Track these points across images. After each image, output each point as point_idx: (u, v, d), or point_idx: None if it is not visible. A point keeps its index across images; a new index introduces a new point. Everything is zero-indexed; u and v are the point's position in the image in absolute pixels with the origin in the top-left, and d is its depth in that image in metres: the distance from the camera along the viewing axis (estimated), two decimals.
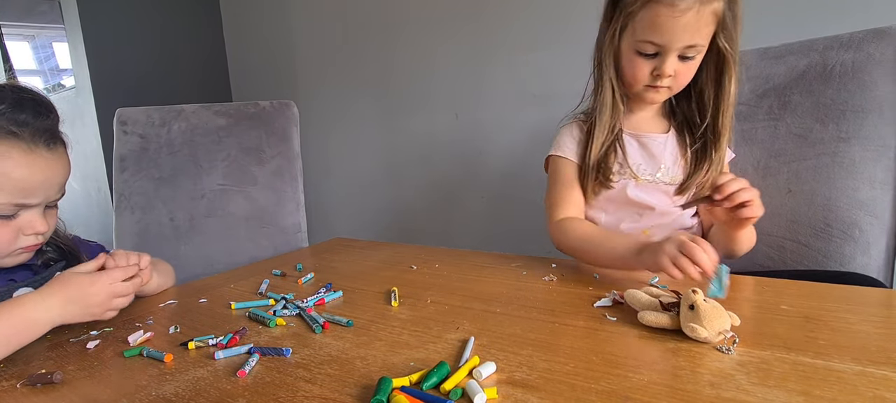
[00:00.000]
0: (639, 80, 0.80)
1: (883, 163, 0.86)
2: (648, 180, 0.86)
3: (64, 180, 0.69)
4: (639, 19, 0.76)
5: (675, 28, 0.72)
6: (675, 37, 0.73)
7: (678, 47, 0.75)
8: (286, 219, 1.33)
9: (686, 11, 0.71)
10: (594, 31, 0.85)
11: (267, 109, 1.35)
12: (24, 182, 0.62)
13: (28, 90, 0.66)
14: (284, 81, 2.25)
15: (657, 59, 0.77)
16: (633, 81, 0.81)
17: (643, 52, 0.77)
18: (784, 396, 0.38)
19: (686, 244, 0.61)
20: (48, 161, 0.65)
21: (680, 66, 0.77)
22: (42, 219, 0.67)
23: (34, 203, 0.65)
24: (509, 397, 0.41)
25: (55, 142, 0.67)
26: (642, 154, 0.87)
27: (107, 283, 0.64)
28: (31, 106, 0.64)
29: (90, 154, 2.14)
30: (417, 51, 1.81)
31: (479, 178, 1.75)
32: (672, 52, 0.75)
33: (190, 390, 0.46)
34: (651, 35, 0.74)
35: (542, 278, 0.74)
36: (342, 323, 0.60)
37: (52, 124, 0.67)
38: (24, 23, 2.36)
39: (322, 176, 2.20)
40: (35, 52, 2.48)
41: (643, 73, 0.79)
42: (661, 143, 0.87)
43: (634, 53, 0.78)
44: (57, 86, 2.37)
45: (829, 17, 1.12)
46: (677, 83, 0.79)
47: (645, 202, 0.85)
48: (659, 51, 0.76)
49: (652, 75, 0.78)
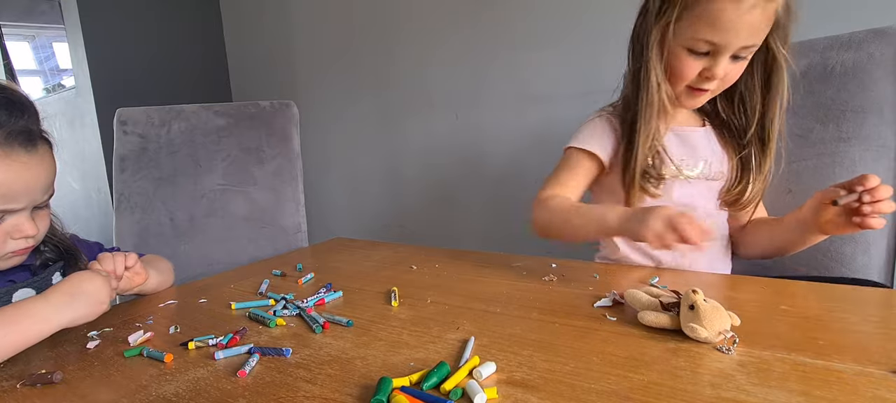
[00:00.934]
0: (684, 79, 0.73)
1: (883, 164, 0.86)
2: (691, 176, 0.80)
3: (49, 182, 0.66)
4: (697, 13, 0.68)
5: (738, 26, 0.66)
6: (737, 35, 0.66)
7: (736, 47, 0.68)
8: (286, 219, 1.33)
9: (753, 8, 0.64)
10: (595, 31, 0.85)
11: (267, 109, 1.35)
12: (2, 188, 0.59)
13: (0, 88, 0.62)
14: (284, 81, 2.25)
15: (708, 59, 0.70)
16: (676, 81, 0.74)
17: (696, 49, 0.70)
18: (784, 396, 0.38)
19: (674, 218, 0.58)
20: (26, 164, 0.61)
21: (730, 66, 0.70)
22: (30, 223, 0.64)
23: (17, 208, 0.62)
24: (509, 397, 0.41)
25: (34, 143, 0.62)
26: (683, 148, 0.80)
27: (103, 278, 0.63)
28: (3, 105, 0.60)
29: (90, 154, 2.14)
30: (417, 51, 1.81)
31: (479, 178, 1.75)
32: (727, 52, 0.68)
33: (190, 390, 0.46)
34: (710, 33, 0.67)
35: (542, 278, 0.74)
36: (342, 323, 0.60)
37: (29, 124, 0.63)
38: (24, 23, 2.36)
39: (322, 176, 2.20)
40: (35, 52, 2.48)
41: (691, 73, 0.72)
42: (700, 136, 0.81)
43: (684, 50, 0.71)
44: (57, 87, 2.37)
45: (829, 17, 1.12)
46: (722, 85, 0.73)
47: (688, 200, 0.79)
48: (712, 50, 0.69)
49: (699, 76, 0.72)
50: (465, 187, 1.79)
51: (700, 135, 0.82)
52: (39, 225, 0.67)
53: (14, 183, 0.60)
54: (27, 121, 0.63)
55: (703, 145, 0.82)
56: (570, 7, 1.47)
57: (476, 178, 1.76)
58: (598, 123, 0.85)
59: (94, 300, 0.61)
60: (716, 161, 0.82)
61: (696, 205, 0.80)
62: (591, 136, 0.84)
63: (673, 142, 0.81)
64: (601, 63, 1.41)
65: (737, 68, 0.72)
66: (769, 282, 0.66)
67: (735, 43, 0.67)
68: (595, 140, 0.83)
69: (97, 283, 0.62)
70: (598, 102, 0.95)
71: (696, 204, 0.80)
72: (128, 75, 2.10)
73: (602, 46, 1.40)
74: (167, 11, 2.23)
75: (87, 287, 0.61)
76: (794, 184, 0.92)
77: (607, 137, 0.83)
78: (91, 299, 0.61)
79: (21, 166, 0.61)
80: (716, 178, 0.82)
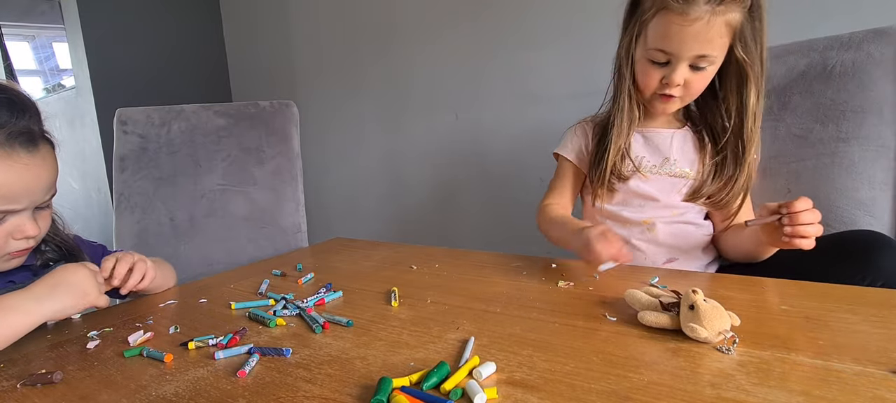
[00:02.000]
0: (649, 88, 0.81)
1: (882, 164, 0.86)
2: (654, 173, 0.88)
3: (51, 182, 0.66)
4: (651, 27, 0.77)
5: (684, 37, 0.73)
6: (685, 46, 0.74)
7: (688, 57, 0.75)
8: (286, 219, 1.33)
9: (696, 21, 0.71)
10: (594, 31, 0.86)
11: (267, 109, 1.35)
12: (3, 188, 0.59)
13: (1, 88, 0.62)
14: (284, 81, 2.25)
15: (667, 68, 0.78)
16: (644, 89, 0.82)
17: (654, 60, 0.78)
18: (784, 396, 0.38)
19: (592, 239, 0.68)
20: (28, 165, 0.61)
21: (691, 76, 0.77)
22: (32, 223, 0.64)
23: (19, 208, 0.62)
24: (509, 397, 0.41)
25: (35, 143, 0.62)
26: (646, 147, 0.89)
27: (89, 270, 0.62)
28: (5, 105, 0.60)
29: (90, 154, 2.14)
30: (417, 51, 1.81)
31: (479, 178, 1.75)
32: (682, 62, 0.76)
33: (190, 390, 0.46)
34: (661, 43, 0.75)
35: (542, 278, 0.74)
36: (342, 323, 0.60)
37: (30, 124, 0.62)
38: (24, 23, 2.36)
39: (322, 176, 2.20)
40: (35, 52, 2.48)
41: (653, 81, 0.80)
42: (666, 138, 0.88)
43: (646, 61, 0.80)
44: (57, 87, 2.37)
45: (829, 17, 1.12)
46: (689, 93, 0.80)
47: (647, 193, 0.87)
48: (669, 59, 0.76)
49: (661, 83, 0.79)
50: (465, 187, 1.79)
51: (668, 137, 0.88)
52: (41, 225, 0.67)
53: (15, 184, 0.60)
54: (29, 121, 0.62)
55: (669, 145, 0.88)
56: (569, 7, 1.47)
57: (476, 178, 1.76)
58: (573, 130, 0.97)
59: (79, 291, 0.61)
60: (683, 160, 0.88)
61: (656, 196, 0.87)
62: (568, 143, 0.96)
63: (638, 142, 0.89)
64: (601, 63, 1.40)
65: (699, 78, 0.78)
66: (769, 282, 0.66)
67: (686, 52, 0.74)
68: (569, 147, 0.95)
69: (81, 275, 0.61)
70: (597, 102, 0.96)
71: (654, 193, 0.87)
72: (128, 75, 2.10)
73: (602, 46, 1.39)
74: (167, 12, 2.23)
75: (71, 278, 0.61)
76: (793, 184, 0.92)
77: (581, 142, 0.94)
78: (75, 290, 0.60)
79: (22, 167, 0.60)
80: (679, 175, 0.87)
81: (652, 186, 0.88)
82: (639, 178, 0.88)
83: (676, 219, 0.88)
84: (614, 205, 0.91)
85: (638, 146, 0.89)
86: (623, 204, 0.90)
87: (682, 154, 0.88)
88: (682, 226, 0.88)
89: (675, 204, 0.87)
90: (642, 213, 0.88)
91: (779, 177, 0.93)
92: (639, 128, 0.89)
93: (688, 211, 0.88)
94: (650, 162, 0.88)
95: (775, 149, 0.94)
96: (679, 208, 0.88)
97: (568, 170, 0.96)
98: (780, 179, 0.93)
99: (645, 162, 0.88)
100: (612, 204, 0.91)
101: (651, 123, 0.90)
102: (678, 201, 0.87)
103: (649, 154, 0.89)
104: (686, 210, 0.88)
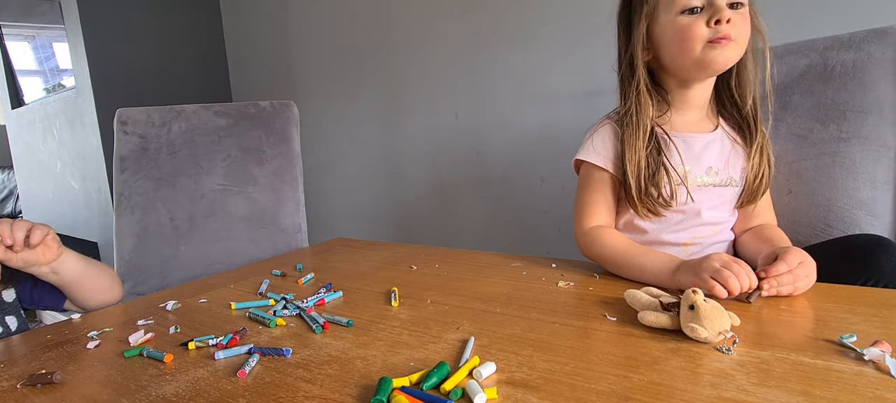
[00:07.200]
0: (698, 39, 0.71)
1: (883, 164, 0.86)
2: (698, 183, 0.79)
3: None
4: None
5: None
6: None
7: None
8: (286, 219, 1.33)
9: None
10: (594, 31, 0.85)
11: (267, 109, 1.35)
12: None
13: None
14: (284, 81, 2.25)
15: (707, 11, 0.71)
16: (690, 48, 0.72)
17: (689, 7, 0.71)
18: (784, 396, 0.38)
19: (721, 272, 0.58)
20: None
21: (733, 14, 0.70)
22: None
23: None
24: (509, 397, 0.41)
25: None
26: (688, 154, 0.79)
27: None
28: None
29: (90, 154, 2.14)
30: (417, 50, 1.81)
31: (479, 178, 1.75)
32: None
33: (190, 390, 0.46)
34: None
35: (542, 278, 0.74)
36: (342, 323, 0.60)
37: None
38: (24, 23, 2.36)
39: (322, 176, 2.20)
40: (35, 52, 2.48)
41: (699, 29, 0.71)
42: (703, 143, 0.80)
43: (679, 20, 0.72)
44: (57, 87, 2.37)
45: (829, 17, 1.12)
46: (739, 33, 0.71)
47: (693, 209, 0.79)
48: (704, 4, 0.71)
49: (709, 27, 0.71)
50: (465, 187, 1.79)
51: (703, 142, 0.80)
52: None
53: None
54: None
55: (709, 151, 0.80)
56: (570, 7, 1.46)
57: (476, 178, 1.76)
58: (600, 134, 0.82)
59: None
60: (726, 167, 0.80)
61: (700, 212, 0.79)
62: (598, 150, 0.81)
63: (680, 149, 0.78)
64: (601, 63, 1.40)
65: (741, 18, 0.71)
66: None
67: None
68: (600, 153, 0.81)
69: None
70: (597, 102, 0.95)
71: (700, 209, 0.79)
72: (128, 75, 2.10)
73: (602, 46, 1.39)
74: (167, 11, 2.23)
75: None
76: (794, 185, 0.91)
77: (612, 147, 0.81)
78: None
79: None
80: (725, 185, 0.80)
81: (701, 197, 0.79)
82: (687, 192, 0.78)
83: (716, 238, 0.81)
84: (654, 225, 0.80)
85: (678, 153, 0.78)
86: (662, 226, 0.80)
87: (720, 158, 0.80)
88: (721, 246, 0.82)
89: (718, 220, 0.80)
90: (683, 234, 0.80)
91: (779, 177, 0.93)
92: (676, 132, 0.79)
93: (727, 225, 0.82)
94: (694, 171, 0.79)
95: (776, 148, 0.93)
96: (720, 223, 0.81)
97: (604, 181, 0.81)
98: (781, 179, 0.93)
99: (691, 173, 0.78)
100: (652, 223, 0.80)
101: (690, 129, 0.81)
102: (721, 215, 0.80)
103: (691, 163, 0.79)
104: (727, 223, 0.82)
